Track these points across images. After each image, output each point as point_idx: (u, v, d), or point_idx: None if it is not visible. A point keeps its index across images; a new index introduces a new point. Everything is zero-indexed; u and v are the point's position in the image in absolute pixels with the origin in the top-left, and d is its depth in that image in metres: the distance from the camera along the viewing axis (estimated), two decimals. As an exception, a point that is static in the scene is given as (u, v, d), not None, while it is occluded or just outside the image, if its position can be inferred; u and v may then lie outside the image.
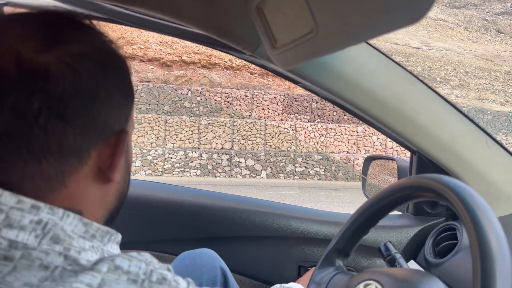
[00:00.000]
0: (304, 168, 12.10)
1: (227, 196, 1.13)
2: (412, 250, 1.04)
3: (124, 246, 0.43)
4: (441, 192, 0.51)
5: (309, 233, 1.04)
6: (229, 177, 11.70)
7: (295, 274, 1.06)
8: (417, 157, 0.98)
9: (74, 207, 0.40)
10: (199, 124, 11.85)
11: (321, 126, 12.56)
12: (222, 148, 11.91)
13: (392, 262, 0.69)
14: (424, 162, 0.95)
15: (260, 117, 12.49)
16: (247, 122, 12.10)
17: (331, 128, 12.58)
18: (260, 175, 11.85)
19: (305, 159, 12.15)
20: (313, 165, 12.15)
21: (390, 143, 12.46)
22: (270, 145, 12.12)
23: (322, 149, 12.41)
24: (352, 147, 12.62)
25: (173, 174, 11.26)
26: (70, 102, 0.38)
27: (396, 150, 12.37)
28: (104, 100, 0.41)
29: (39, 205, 0.37)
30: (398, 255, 0.69)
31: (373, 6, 0.41)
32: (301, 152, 12.24)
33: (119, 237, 0.43)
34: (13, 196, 0.36)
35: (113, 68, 0.43)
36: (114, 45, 0.44)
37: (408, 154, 1.04)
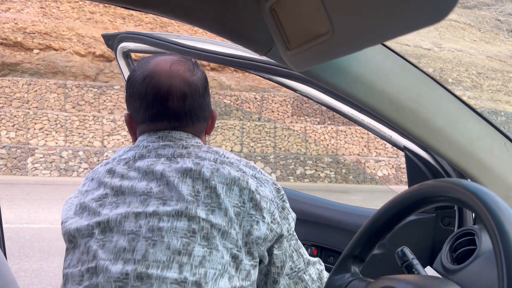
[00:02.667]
0: (314, 170, 12.05)
1: None
2: (428, 255, 1.03)
3: None
4: (462, 197, 0.50)
5: (311, 217, 1.20)
6: (239, 179, 11.68)
7: None
8: (405, 154, 1.01)
9: None
10: (209, 126, 11.90)
11: (331, 128, 12.50)
12: (231, 150, 11.93)
13: (409, 268, 0.68)
14: (411, 159, 1.02)
15: (270, 119, 12.49)
16: (256, 124, 12.10)
17: (341, 130, 12.51)
18: (270, 177, 11.82)
19: (315, 161, 12.10)
20: (323, 167, 12.09)
21: (401, 145, 12.32)
22: (280, 148, 12.09)
23: (333, 152, 12.34)
24: (363, 149, 12.52)
25: (183, 177, 11.29)
26: (205, 94, 0.83)
27: (408, 152, 12.22)
28: (208, 95, 0.85)
29: (194, 137, 0.82)
30: (415, 261, 0.68)
31: (393, 5, 0.39)
32: (311, 154, 12.19)
33: None
34: (182, 132, 0.81)
35: (207, 79, 0.86)
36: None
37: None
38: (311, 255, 1.22)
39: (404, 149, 1.03)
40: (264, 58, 0.80)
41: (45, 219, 5.57)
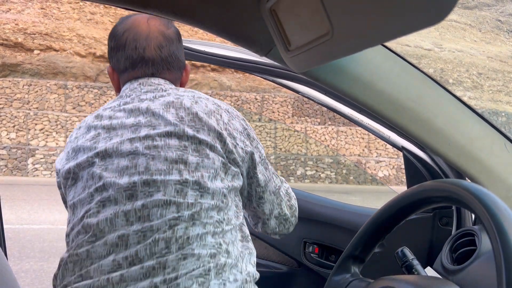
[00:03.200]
0: (314, 171, 12.04)
1: None
2: (425, 255, 1.03)
3: None
4: (462, 197, 0.50)
5: (313, 215, 1.25)
6: (239, 180, 11.67)
7: (300, 247, 1.28)
8: (403, 155, 1.01)
9: None
10: (210, 127, 11.89)
11: (332, 128, 12.50)
12: (232, 151, 11.91)
13: (409, 269, 0.68)
14: (409, 160, 1.03)
15: (270, 120, 12.48)
16: (257, 125, 12.10)
17: (342, 131, 12.51)
18: (270, 178, 11.80)
19: (316, 162, 12.09)
20: (324, 168, 12.08)
21: (402, 146, 12.29)
22: (280, 148, 12.09)
23: (333, 152, 12.33)
24: (363, 150, 12.52)
25: (184, 177, 11.27)
26: (178, 46, 0.95)
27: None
28: (182, 48, 0.97)
29: (171, 83, 0.93)
30: (415, 262, 0.68)
31: (392, 6, 0.39)
32: (311, 155, 12.18)
33: None
34: (160, 78, 0.91)
35: (180, 35, 0.97)
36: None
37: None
38: (312, 252, 1.29)
39: (402, 149, 1.03)
40: (266, 60, 0.81)
41: (45, 219, 5.57)
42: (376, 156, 12.48)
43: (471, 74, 17.59)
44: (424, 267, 1.01)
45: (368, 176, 12.17)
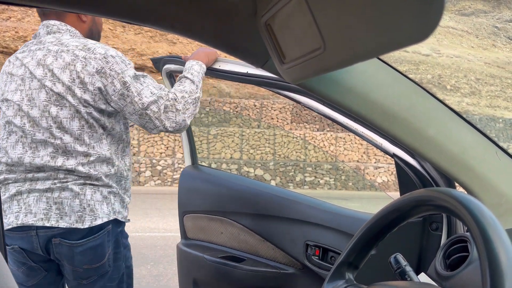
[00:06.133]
0: (313, 177, 12.04)
1: (268, 186, 1.50)
2: (416, 259, 1.05)
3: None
4: (450, 206, 0.51)
5: (315, 219, 1.32)
6: (238, 186, 11.63)
7: (303, 249, 1.34)
8: (394, 162, 1.03)
9: None
10: (208, 134, 11.90)
11: (331, 135, 12.52)
12: (231, 158, 11.93)
13: (402, 275, 0.69)
14: (400, 166, 1.06)
15: (269, 126, 12.50)
16: (256, 131, 12.12)
17: (340, 137, 12.53)
18: (269, 184, 11.77)
19: (315, 168, 12.10)
20: (322, 174, 12.08)
21: (401, 152, 12.29)
22: (279, 155, 12.10)
23: (332, 158, 12.34)
24: (362, 156, 12.53)
25: (183, 184, 11.23)
26: None
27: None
28: None
29: (65, 25, 1.32)
30: (408, 268, 0.69)
31: (380, 24, 0.41)
32: (310, 161, 12.19)
33: None
34: (57, 21, 1.29)
35: None
36: None
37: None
38: (313, 254, 1.34)
39: (393, 156, 1.05)
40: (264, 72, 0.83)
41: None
42: (375, 162, 12.49)
43: (469, 79, 17.67)
44: (416, 272, 1.02)
45: (367, 182, 12.17)
